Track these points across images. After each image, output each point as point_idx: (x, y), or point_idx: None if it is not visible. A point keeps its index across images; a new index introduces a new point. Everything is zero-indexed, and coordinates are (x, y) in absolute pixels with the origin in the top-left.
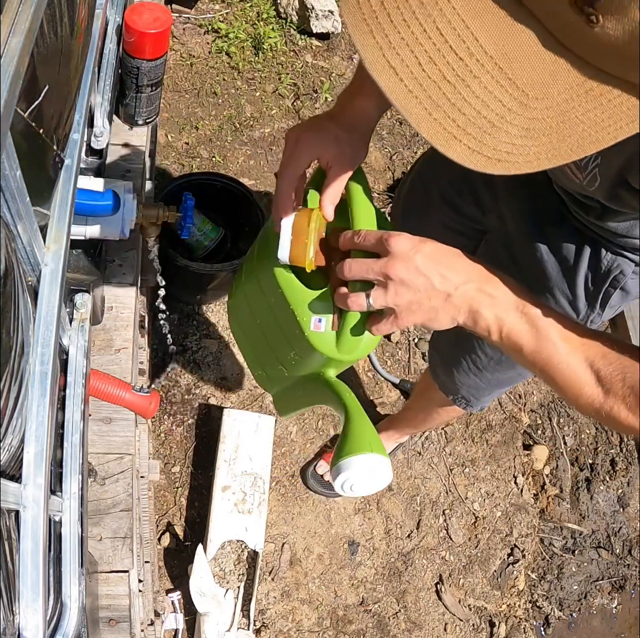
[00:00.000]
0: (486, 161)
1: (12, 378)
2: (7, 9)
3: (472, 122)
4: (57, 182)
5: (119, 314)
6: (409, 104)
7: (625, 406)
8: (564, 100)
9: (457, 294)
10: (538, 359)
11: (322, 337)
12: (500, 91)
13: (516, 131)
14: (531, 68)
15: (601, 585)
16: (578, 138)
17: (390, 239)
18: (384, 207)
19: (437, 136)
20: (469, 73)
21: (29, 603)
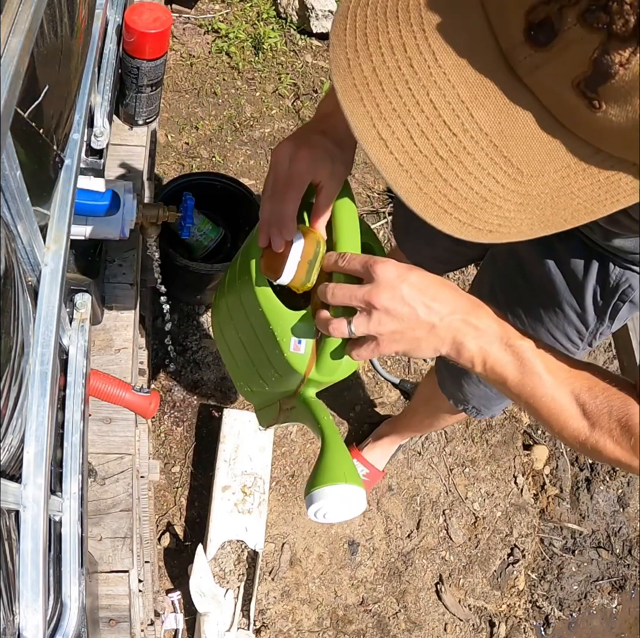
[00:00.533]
0: (477, 232)
1: (12, 378)
2: (7, 9)
3: (464, 197)
4: (57, 182)
5: (119, 314)
6: (398, 178)
7: (611, 439)
8: (560, 177)
9: (441, 326)
10: (523, 392)
11: (302, 358)
12: (494, 168)
13: (509, 205)
14: (527, 146)
15: (601, 585)
16: (572, 211)
17: (376, 265)
18: (383, 207)
19: (427, 209)
20: (462, 149)
21: (29, 603)
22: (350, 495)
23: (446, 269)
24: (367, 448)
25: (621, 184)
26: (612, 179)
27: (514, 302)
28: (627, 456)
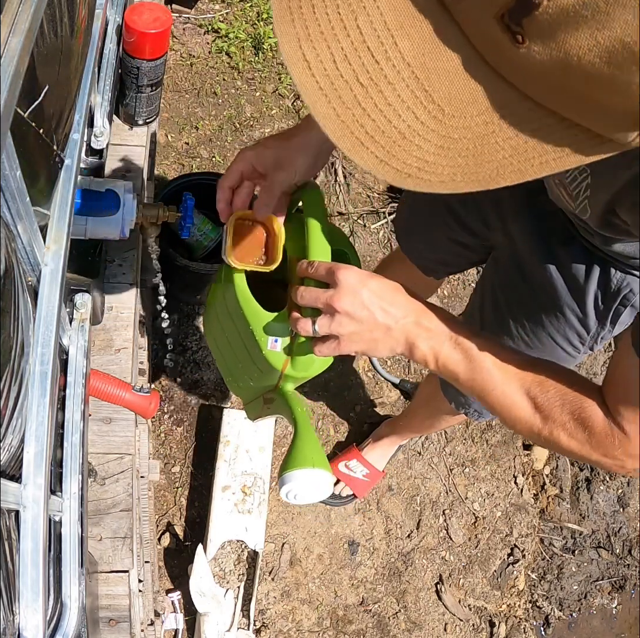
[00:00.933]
0: (395, 173)
1: (12, 378)
2: (7, 9)
3: (381, 130)
4: (57, 182)
5: (119, 314)
6: (317, 102)
7: (565, 432)
8: (483, 122)
9: (396, 328)
10: (474, 386)
11: (278, 355)
12: (414, 102)
13: (429, 146)
14: (450, 83)
15: (601, 585)
16: (498, 165)
17: (339, 272)
18: (383, 207)
19: (343, 139)
20: (383, 78)
21: (29, 603)
22: (317, 478)
23: (448, 271)
24: (367, 448)
25: (549, 142)
26: (540, 135)
27: (514, 305)
28: (584, 448)
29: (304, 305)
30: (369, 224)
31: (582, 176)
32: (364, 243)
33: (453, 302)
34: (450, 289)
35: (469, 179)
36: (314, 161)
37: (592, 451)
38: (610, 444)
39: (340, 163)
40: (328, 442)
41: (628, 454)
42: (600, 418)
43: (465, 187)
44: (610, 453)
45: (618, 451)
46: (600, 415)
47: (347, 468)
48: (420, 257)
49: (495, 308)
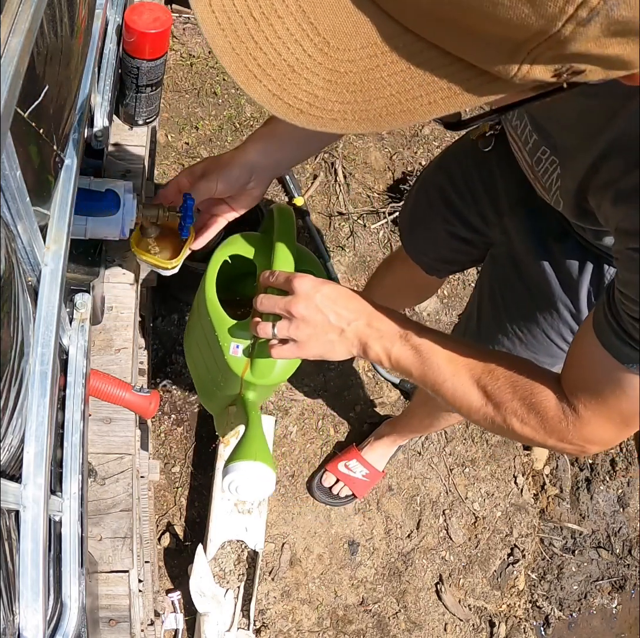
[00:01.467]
0: (287, 109)
1: (12, 378)
2: (7, 9)
3: (272, 63)
4: (57, 182)
5: (119, 314)
6: (215, 36)
7: (517, 418)
8: (368, 55)
9: (349, 329)
10: (427, 380)
11: (239, 361)
12: (301, 35)
13: (317, 80)
14: (334, 15)
15: (601, 585)
16: (386, 103)
17: (295, 280)
18: (383, 207)
19: (238, 72)
20: (273, 12)
21: (29, 603)
22: (258, 471)
23: (451, 269)
24: (367, 448)
25: (435, 79)
26: (424, 70)
27: (510, 302)
28: (538, 434)
29: (263, 311)
30: (369, 224)
31: (552, 167)
32: (364, 243)
33: (453, 302)
34: (450, 289)
35: (360, 118)
36: (239, 174)
37: (546, 436)
38: (565, 429)
39: (340, 163)
40: (328, 442)
41: (585, 438)
42: (552, 403)
43: (357, 127)
44: (566, 437)
45: (573, 435)
46: (552, 400)
47: (346, 468)
48: (422, 255)
49: (493, 305)
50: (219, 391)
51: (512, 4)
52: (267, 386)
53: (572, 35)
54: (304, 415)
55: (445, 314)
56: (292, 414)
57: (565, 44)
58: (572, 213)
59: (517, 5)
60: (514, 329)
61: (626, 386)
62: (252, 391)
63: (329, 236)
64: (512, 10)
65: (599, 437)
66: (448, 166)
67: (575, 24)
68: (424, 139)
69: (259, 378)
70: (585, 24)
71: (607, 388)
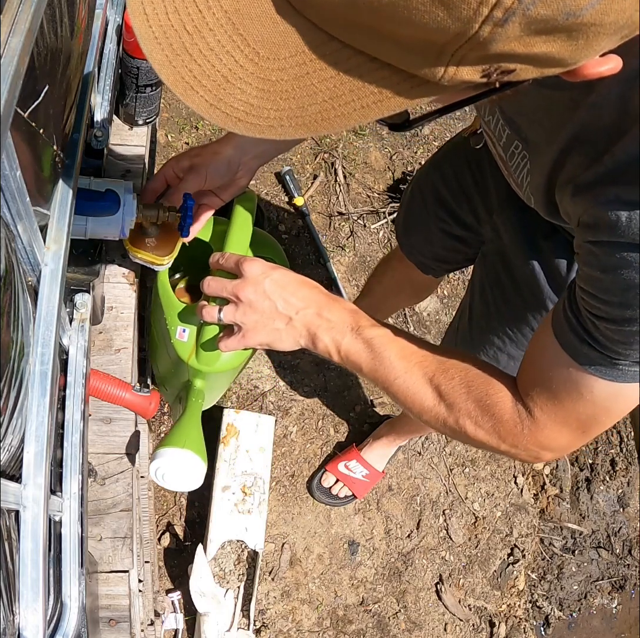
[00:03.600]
0: (225, 118)
1: (12, 378)
2: (7, 9)
3: (207, 74)
4: (57, 182)
5: (119, 314)
6: (153, 50)
7: (471, 420)
8: (297, 63)
9: (297, 318)
10: (377, 376)
11: (184, 346)
12: (232, 46)
13: (251, 89)
14: (261, 26)
15: (601, 585)
16: (320, 109)
17: (244, 263)
18: (383, 207)
19: (176, 84)
20: (205, 25)
21: (29, 603)
22: (185, 459)
23: (446, 268)
24: (367, 448)
25: (365, 83)
26: (353, 76)
27: (500, 300)
28: (492, 438)
29: (211, 294)
30: (369, 224)
31: (523, 162)
32: (364, 243)
33: (453, 302)
34: (450, 289)
35: (296, 124)
36: (228, 166)
37: (500, 441)
38: (520, 433)
39: (340, 163)
40: (328, 442)
41: (539, 444)
42: (508, 406)
43: (294, 132)
44: (520, 442)
45: (528, 440)
46: (508, 403)
47: (346, 468)
48: (417, 254)
49: (483, 303)
50: (171, 379)
51: (426, 9)
52: (215, 373)
53: (492, 36)
54: (304, 415)
55: (445, 314)
56: (292, 414)
57: (486, 45)
58: (543, 210)
59: (432, 10)
60: (504, 328)
61: (583, 388)
62: (200, 379)
63: (329, 236)
64: (427, 14)
65: (555, 443)
66: (441, 164)
67: (493, 25)
68: (424, 139)
69: (204, 365)
70: (503, 24)
71: (563, 390)
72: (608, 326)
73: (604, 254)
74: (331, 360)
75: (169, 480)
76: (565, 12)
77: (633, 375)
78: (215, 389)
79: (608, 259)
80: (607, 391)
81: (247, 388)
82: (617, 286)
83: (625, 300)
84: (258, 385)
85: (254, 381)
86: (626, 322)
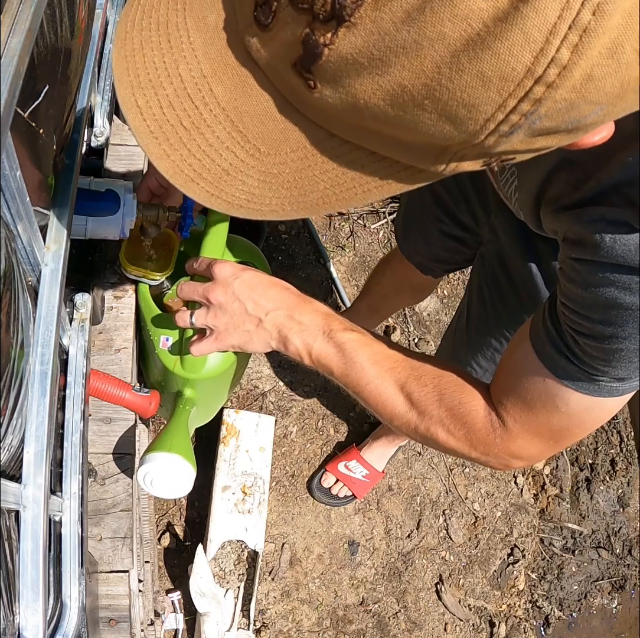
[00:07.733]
0: (227, 205)
1: (12, 378)
2: (7, 9)
3: (207, 168)
4: (57, 182)
5: (119, 314)
6: (149, 144)
7: (442, 428)
8: (299, 158)
9: (267, 320)
10: (348, 382)
11: (169, 355)
12: (232, 142)
13: (252, 181)
14: (261, 124)
15: (601, 585)
16: (322, 195)
17: (215, 266)
18: (383, 207)
19: (175, 177)
20: (203, 121)
21: (29, 603)
22: (173, 463)
23: (447, 269)
24: (366, 448)
25: (366, 172)
26: (354, 167)
27: (498, 301)
28: (464, 446)
29: (183, 298)
30: (369, 224)
31: (512, 178)
32: (364, 243)
33: (453, 302)
34: (450, 289)
35: (298, 207)
36: None
37: (471, 449)
38: (492, 442)
39: None
40: (328, 442)
41: (511, 453)
42: (481, 415)
43: (296, 214)
44: (492, 451)
45: (499, 448)
46: (481, 411)
47: (346, 468)
48: (416, 255)
49: (481, 303)
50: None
51: (433, 123)
52: (203, 380)
53: (496, 144)
54: (304, 415)
55: (445, 314)
56: (292, 414)
57: (490, 149)
58: (532, 224)
59: (438, 124)
60: (501, 329)
61: (559, 401)
62: (189, 388)
63: (328, 236)
64: (434, 127)
65: (526, 452)
66: None
67: (498, 136)
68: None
69: (190, 372)
70: (508, 136)
71: (538, 401)
72: (588, 342)
73: (587, 272)
74: (302, 363)
75: (157, 485)
76: (569, 122)
77: (610, 390)
78: (210, 400)
79: (591, 277)
80: (583, 404)
81: (247, 388)
82: (599, 303)
83: (607, 318)
84: (258, 385)
85: (254, 381)
86: (606, 339)
